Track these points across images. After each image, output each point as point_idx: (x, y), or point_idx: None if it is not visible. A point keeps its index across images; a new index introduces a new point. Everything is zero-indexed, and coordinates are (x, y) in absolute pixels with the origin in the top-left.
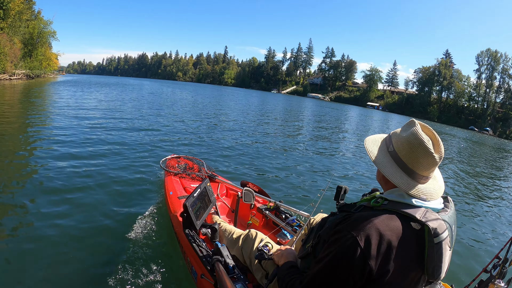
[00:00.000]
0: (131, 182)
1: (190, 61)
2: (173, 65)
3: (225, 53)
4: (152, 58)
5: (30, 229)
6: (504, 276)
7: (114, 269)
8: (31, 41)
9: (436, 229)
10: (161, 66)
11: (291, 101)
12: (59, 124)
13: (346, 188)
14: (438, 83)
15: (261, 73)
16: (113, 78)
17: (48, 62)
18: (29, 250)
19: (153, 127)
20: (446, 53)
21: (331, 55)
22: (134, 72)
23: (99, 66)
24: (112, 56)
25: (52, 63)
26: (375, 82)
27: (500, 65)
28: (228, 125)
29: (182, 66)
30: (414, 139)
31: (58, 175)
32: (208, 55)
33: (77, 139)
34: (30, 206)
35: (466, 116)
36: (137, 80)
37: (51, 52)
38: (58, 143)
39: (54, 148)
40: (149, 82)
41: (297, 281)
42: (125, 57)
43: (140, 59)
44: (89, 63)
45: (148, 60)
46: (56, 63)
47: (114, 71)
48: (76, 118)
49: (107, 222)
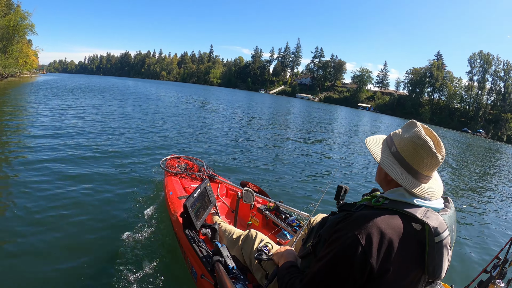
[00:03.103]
0: (131, 183)
1: (175, 60)
2: (157, 64)
3: (211, 52)
4: (135, 57)
5: (30, 229)
6: (504, 277)
7: (114, 269)
8: (6, 36)
9: (436, 228)
10: (145, 65)
11: (281, 102)
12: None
13: (346, 188)
14: (430, 84)
15: (248, 73)
16: (96, 77)
17: (25, 59)
18: (29, 250)
19: (153, 128)
20: (438, 55)
21: (320, 55)
22: (117, 71)
23: (81, 65)
24: (94, 55)
25: (30, 60)
26: (365, 83)
27: (492, 67)
28: (227, 125)
29: (166, 65)
30: (418, 139)
31: (58, 175)
32: (192, 54)
33: (76, 139)
34: (30, 205)
35: (458, 118)
36: (120, 80)
37: (31, 49)
38: (58, 143)
39: (55, 149)
40: (133, 82)
41: (297, 280)
42: (108, 55)
43: (123, 58)
44: (70, 62)
45: (131, 59)
46: (34, 60)
47: (96, 70)
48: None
49: (107, 222)
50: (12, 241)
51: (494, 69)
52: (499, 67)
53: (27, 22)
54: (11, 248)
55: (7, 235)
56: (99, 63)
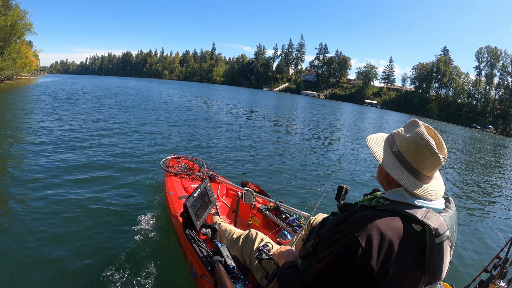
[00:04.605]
0: (131, 183)
1: (176, 58)
2: (158, 63)
3: (213, 50)
4: (137, 56)
5: (30, 229)
6: (505, 276)
7: (114, 269)
8: (4, 36)
9: (437, 229)
10: (147, 64)
11: (286, 100)
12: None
13: (347, 188)
14: (437, 80)
15: (251, 70)
16: (97, 78)
17: (24, 60)
18: (29, 250)
19: (153, 128)
20: (444, 50)
21: (324, 51)
22: (119, 71)
23: (83, 66)
24: (96, 55)
25: (29, 62)
26: (370, 78)
27: (500, 62)
28: (228, 125)
29: (168, 64)
30: (420, 139)
31: (58, 175)
32: (194, 52)
33: (76, 140)
34: (30, 206)
35: (466, 114)
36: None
37: (31, 50)
38: (58, 143)
39: (55, 148)
40: (136, 82)
41: (298, 280)
42: (109, 55)
43: (125, 58)
44: (72, 63)
45: (132, 59)
46: (34, 62)
47: (98, 70)
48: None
49: (107, 222)
50: (12, 241)
51: (502, 63)
52: (507, 61)
53: (25, 21)
54: (11, 248)
55: (7, 235)
56: (101, 63)
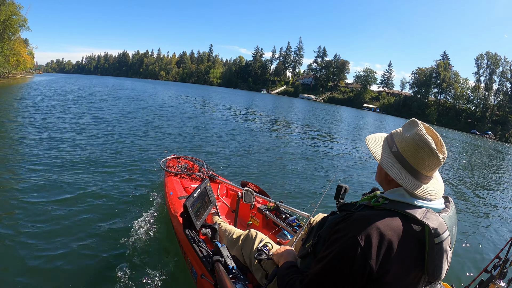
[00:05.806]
0: (131, 183)
1: (173, 59)
2: (155, 63)
3: (210, 51)
4: (133, 56)
5: (30, 229)
6: (505, 276)
7: (114, 269)
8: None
9: (436, 229)
10: (143, 64)
11: (284, 103)
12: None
13: (346, 187)
14: (436, 85)
15: (249, 73)
16: (94, 78)
17: (17, 58)
18: (29, 250)
19: (153, 128)
20: (444, 55)
21: (323, 55)
22: (115, 71)
23: (79, 65)
24: (92, 55)
25: (23, 59)
26: (369, 83)
27: (500, 68)
28: (228, 126)
29: (165, 65)
30: (420, 139)
31: (57, 175)
32: (191, 53)
33: (76, 141)
34: (30, 206)
35: (464, 119)
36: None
37: (25, 48)
38: (58, 144)
39: (54, 148)
40: (131, 82)
41: (297, 280)
42: (106, 55)
43: (121, 58)
44: (68, 62)
45: (129, 59)
46: (28, 59)
47: (94, 70)
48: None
49: (107, 222)
50: (12, 242)
51: (502, 69)
52: (506, 67)
53: (19, 16)
54: (11, 248)
55: (8, 236)
56: (97, 63)
